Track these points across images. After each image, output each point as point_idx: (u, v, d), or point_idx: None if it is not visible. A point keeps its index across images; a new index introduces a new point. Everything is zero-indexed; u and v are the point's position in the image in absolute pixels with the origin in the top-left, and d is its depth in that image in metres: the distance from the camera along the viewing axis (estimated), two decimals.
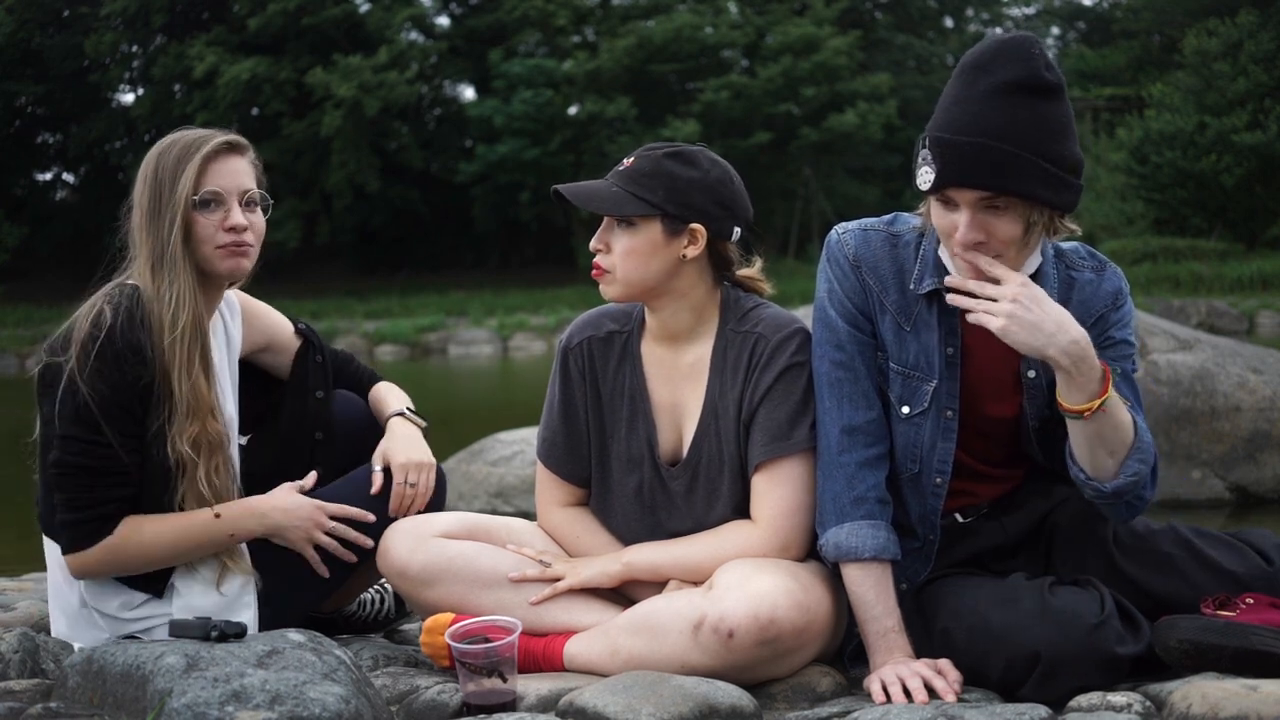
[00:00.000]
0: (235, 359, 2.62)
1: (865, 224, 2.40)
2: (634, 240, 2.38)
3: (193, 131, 2.47)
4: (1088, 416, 2.14)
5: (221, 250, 2.41)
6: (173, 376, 2.33)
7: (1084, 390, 2.13)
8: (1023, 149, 2.07)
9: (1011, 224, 2.12)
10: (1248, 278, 18.57)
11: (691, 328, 2.47)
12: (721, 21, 28.46)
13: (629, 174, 2.39)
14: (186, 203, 2.37)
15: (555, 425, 2.56)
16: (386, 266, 29.18)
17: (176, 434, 2.32)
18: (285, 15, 27.54)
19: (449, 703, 2.21)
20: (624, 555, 2.45)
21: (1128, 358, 2.33)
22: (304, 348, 2.75)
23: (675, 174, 2.38)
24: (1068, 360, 2.11)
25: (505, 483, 5.37)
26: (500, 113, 27.00)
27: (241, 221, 2.42)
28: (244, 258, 2.44)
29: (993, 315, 2.11)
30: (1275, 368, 5.31)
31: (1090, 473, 2.22)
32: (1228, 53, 23.16)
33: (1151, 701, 2.07)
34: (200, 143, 2.41)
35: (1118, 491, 2.21)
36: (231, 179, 2.43)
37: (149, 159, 2.44)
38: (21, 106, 30.94)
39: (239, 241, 2.41)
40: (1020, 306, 2.09)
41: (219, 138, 2.44)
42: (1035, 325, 2.09)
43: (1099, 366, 2.14)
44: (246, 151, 2.50)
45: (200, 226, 2.39)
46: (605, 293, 2.43)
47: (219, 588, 2.39)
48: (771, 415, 2.38)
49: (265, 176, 2.56)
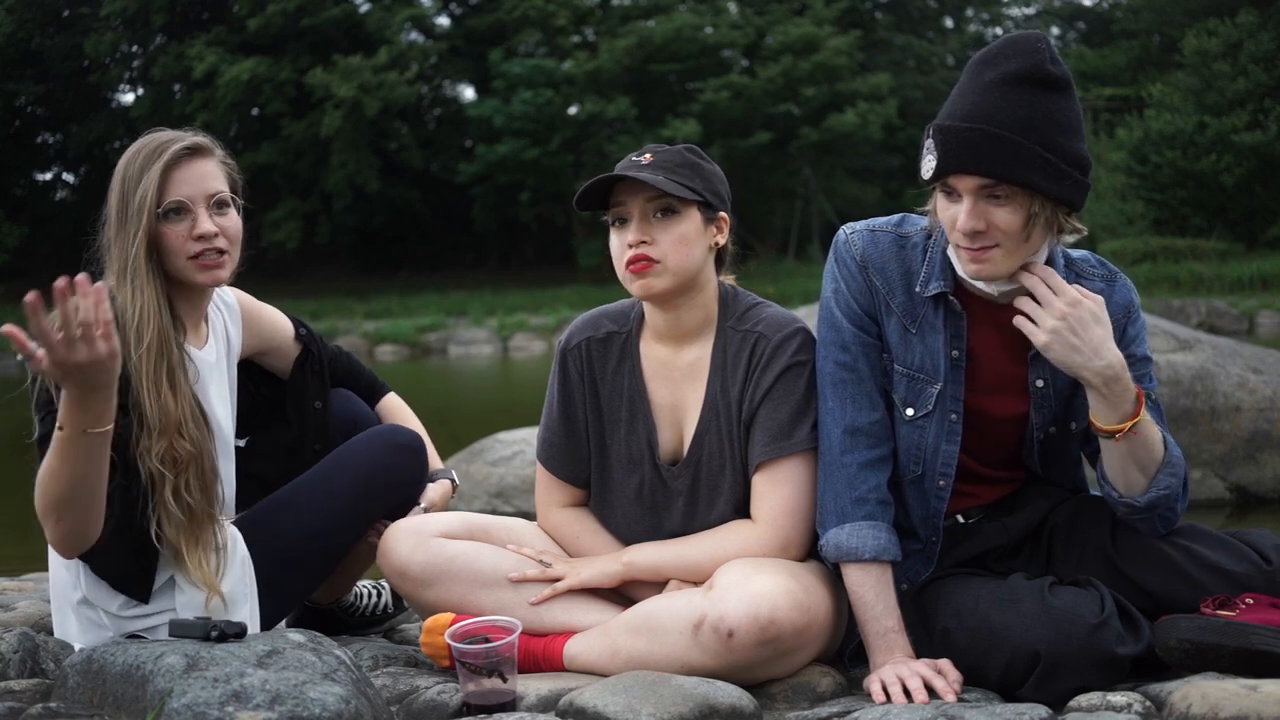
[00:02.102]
0: (234, 363, 2.59)
1: (873, 224, 2.40)
2: (682, 228, 2.38)
3: (157, 136, 2.37)
4: (1119, 439, 2.18)
5: (194, 261, 2.33)
6: (141, 392, 2.24)
7: (1117, 410, 2.17)
8: (1024, 138, 2.07)
9: (1012, 214, 2.12)
10: (1248, 278, 18.57)
11: (698, 326, 2.47)
12: (721, 21, 28.47)
13: (660, 165, 2.37)
14: (150, 215, 2.29)
15: (555, 426, 2.56)
16: (386, 266, 29.19)
17: (144, 450, 2.24)
18: (285, 15, 27.56)
19: (449, 703, 2.21)
20: (624, 555, 2.45)
21: (1147, 375, 2.35)
22: (303, 356, 2.73)
23: (700, 165, 2.43)
24: (1100, 381, 2.15)
25: (505, 483, 5.38)
26: (500, 113, 27.01)
27: (209, 229, 2.33)
28: (219, 268, 2.36)
29: (1038, 329, 2.14)
30: (1275, 368, 5.31)
31: (1123, 490, 2.25)
32: (1228, 53, 23.17)
33: (1151, 701, 2.07)
34: (161, 149, 2.32)
35: (1151, 505, 2.24)
36: (196, 185, 2.33)
37: (117, 168, 2.35)
38: (21, 106, 30.94)
39: (210, 249, 2.33)
40: (1066, 326, 2.12)
41: (179, 143, 2.34)
42: (1075, 347, 2.13)
43: (1133, 389, 2.17)
44: (212, 153, 2.40)
45: (168, 238, 2.31)
46: (653, 285, 2.38)
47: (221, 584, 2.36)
48: (772, 415, 2.38)
49: (239, 174, 2.47)
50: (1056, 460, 2.39)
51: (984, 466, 2.42)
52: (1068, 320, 2.12)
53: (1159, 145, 22.26)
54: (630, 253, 2.37)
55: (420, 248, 30.73)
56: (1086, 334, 2.13)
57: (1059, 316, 2.13)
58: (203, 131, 2.44)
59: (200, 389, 2.39)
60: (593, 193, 2.39)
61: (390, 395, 2.90)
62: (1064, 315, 2.12)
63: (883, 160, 28.91)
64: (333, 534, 2.56)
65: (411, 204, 29.18)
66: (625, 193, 2.38)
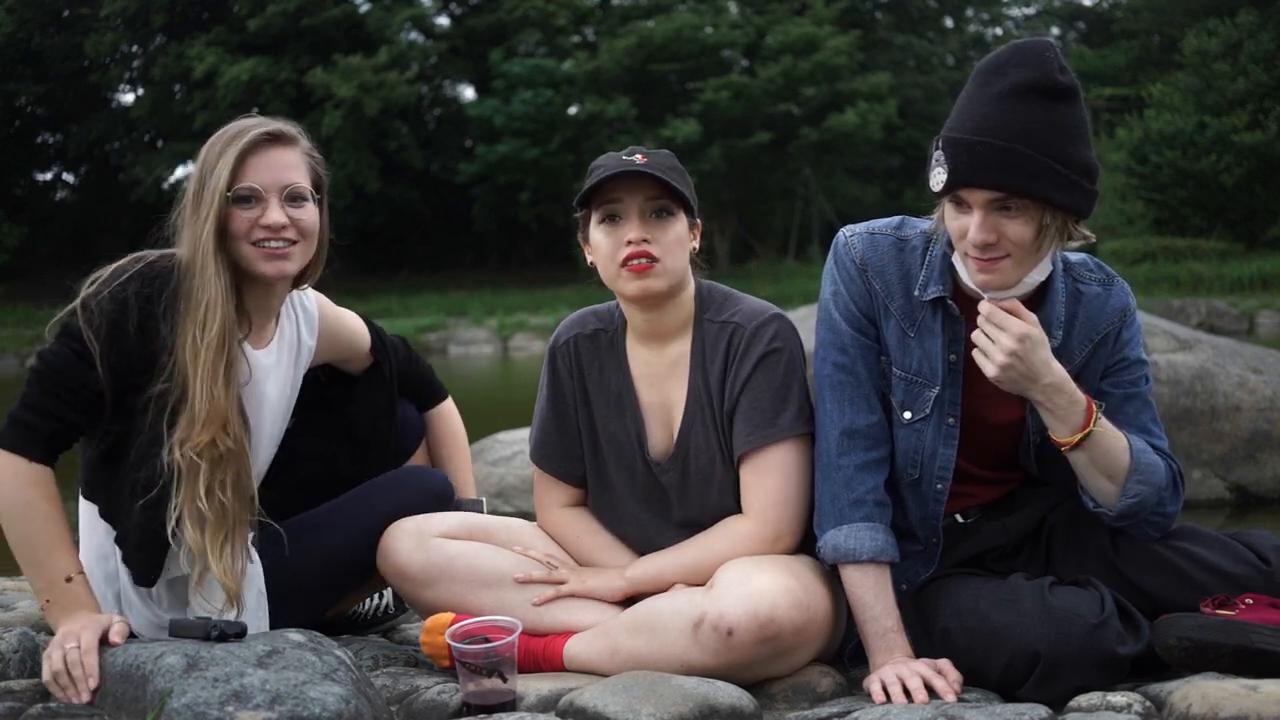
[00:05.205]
0: (301, 369, 2.52)
1: (873, 227, 2.40)
2: (677, 229, 2.39)
3: (244, 121, 2.32)
4: (1068, 449, 2.22)
5: (257, 249, 2.26)
6: (194, 380, 2.19)
7: (1066, 423, 2.20)
8: (1035, 150, 2.06)
9: (1023, 226, 2.12)
10: (1248, 278, 18.59)
11: (678, 324, 2.48)
12: (721, 21, 28.47)
13: (658, 166, 2.37)
14: (222, 198, 2.23)
15: (547, 424, 2.56)
16: (386, 266, 29.19)
17: (181, 440, 2.20)
18: (285, 16, 27.57)
19: (449, 703, 2.21)
20: (626, 570, 2.46)
21: (1143, 377, 2.36)
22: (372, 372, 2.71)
23: (684, 171, 2.45)
24: (1044, 397, 2.19)
25: (505, 483, 5.38)
26: (500, 113, 27.01)
27: (278, 219, 2.26)
28: (284, 259, 2.29)
29: (989, 362, 2.17)
30: (1275, 368, 5.31)
31: (1097, 499, 2.27)
32: (1228, 53, 23.19)
33: (1151, 701, 2.07)
34: (242, 133, 2.27)
35: (1123, 514, 2.26)
36: (271, 174, 2.27)
37: (202, 149, 2.30)
38: (21, 106, 30.95)
39: (277, 239, 2.27)
40: (1016, 359, 2.15)
41: (261, 128, 2.29)
42: (1023, 374, 2.16)
43: (1081, 400, 2.20)
44: (295, 143, 2.34)
45: (235, 221, 2.25)
46: (651, 287, 2.37)
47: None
48: (753, 404, 2.39)
49: (324, 169, 2.41)
50: (1053, 463, 2.39)
51: (981, 468, 2.42)
52: (1017, 354, 2.15)
53: (1159, 145, 22.27)
54: (629, 249, 2.36)
55: (420, 248, 30.74)
56: (1032, 360, 2.15)
57: (1008, 353, 2.15)
58: (293, 123, 2.38)
59: (248, 390, 2.34)
60: (587, 188, 2.39)
61: (441, 406, 2.88)
62: (1013, 352, 2.15)
63: (883, 160, 28.90)
64: (348, 567, 2.55)
65: (411, 204, 29.19)
66: (622, 190, 2.37)
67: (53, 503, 2.19)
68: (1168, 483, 2.28)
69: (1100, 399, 2.29)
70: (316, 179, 2.38)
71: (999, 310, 2.17)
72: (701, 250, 2.52)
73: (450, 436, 2.88)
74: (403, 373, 2.79)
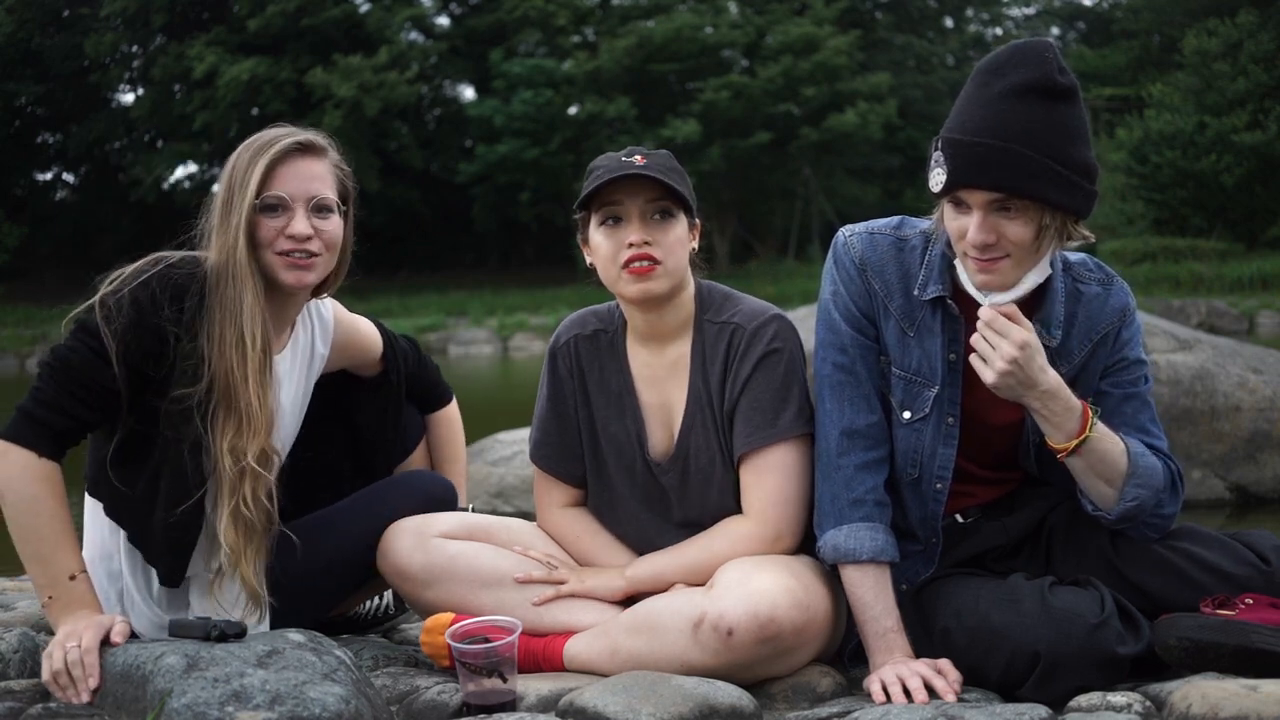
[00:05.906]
0: (313, 377, 2.54)
1: (872, 227, 2.40)
2: (678, 230, 2.39)
3: (274, 130, 2.34)
4: (1064, 456, 2.22)
5: (281, 258, 2.28)
6: (245, 386, 2.21)
7: (1062, 430, 2.20)
8: (1035, 151, 2.06)
9: (1023, 227, 2.12)
10: (1248, 278, 18.59)
11: (678, 325, 2.48)
12: (721, 21, 28.48)
13: (658, 168, 2.37)
14: (250, 206, 2.24)
15: (547, 424, 2.56)
16: (386, 266, 29.19)
17: (235, 447, 2.21)
18: (285, 16, 27.57)
19: (449, 703, 2.21)
20: (626, 570, 2.46)
21: (1142, 377, 2.36)
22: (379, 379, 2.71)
23: (684, 171, 2.44)
24: (1039, 404, 2.18)
25: (505, 483, 5.38)
26: (500, 113, 27.02)
27: (303, 230, 2.27)
28: (306, 269, 2.30)
29: (987, 368, 2.17)
30: (1275, 368, 5.31)
31: (1095, 503, 2.27)
32: (1228, 53, 23.19)
33: (1151, 701, 2.07)
34: (273, 142, 2.29)
35: (1122, 517, 2.26)
36: (299, 184, 2.28)
37: (231, 156, 2.32)
38: (21, 106, 30.97)
39: (300, 250, 2.28)
40: (1015, 366, 2.14)
41: (291, 138, 2.31)
42: (1021, 381, 2.16)
43: (1076, 406, 2.19)
44: (324, 154, 2.35)
45: (262, 229, 2.26)
46: (652, 289, 2.38)
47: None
48: (753, 405, 2.39)
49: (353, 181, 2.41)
50: (1053, 463, 2.39)
51: (981, 468, 2.42)
52: (1018, 361, 2.14)
53: (1159, 145, 22.28)
54: (630, 252, 2.36)
55: (420, 248, 30.74)
56: (1030, 368, 2.15)
57: (1009, 360, 2.14)
58: (324, 133, 2.40)
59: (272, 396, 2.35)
60: (587, 190, 2.39)
61: (444, 410, 2.88)
62: (1013, 359, 2.14)
63: (883, 160, 28.91)
64: (350, 569, 2.55)
65: (411, 204, 29.19)
66: (622, 192, 2.37)
67: (60, 499, 2.19)
68: (1166, 484, 2.28)
69: (1099, 399, 2.30)
70: (344, 191, 2.39)
71: (1000, 317, 2.17)
72: (701, 250, 2.52)
73: (449, 443, 2.88)
74: (410, 376, 2.80)
